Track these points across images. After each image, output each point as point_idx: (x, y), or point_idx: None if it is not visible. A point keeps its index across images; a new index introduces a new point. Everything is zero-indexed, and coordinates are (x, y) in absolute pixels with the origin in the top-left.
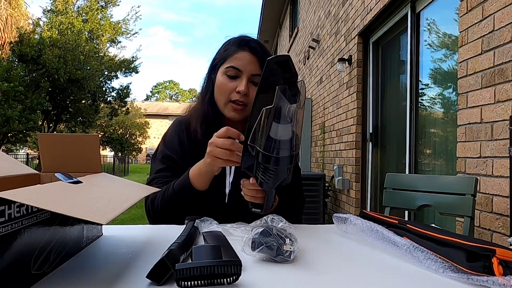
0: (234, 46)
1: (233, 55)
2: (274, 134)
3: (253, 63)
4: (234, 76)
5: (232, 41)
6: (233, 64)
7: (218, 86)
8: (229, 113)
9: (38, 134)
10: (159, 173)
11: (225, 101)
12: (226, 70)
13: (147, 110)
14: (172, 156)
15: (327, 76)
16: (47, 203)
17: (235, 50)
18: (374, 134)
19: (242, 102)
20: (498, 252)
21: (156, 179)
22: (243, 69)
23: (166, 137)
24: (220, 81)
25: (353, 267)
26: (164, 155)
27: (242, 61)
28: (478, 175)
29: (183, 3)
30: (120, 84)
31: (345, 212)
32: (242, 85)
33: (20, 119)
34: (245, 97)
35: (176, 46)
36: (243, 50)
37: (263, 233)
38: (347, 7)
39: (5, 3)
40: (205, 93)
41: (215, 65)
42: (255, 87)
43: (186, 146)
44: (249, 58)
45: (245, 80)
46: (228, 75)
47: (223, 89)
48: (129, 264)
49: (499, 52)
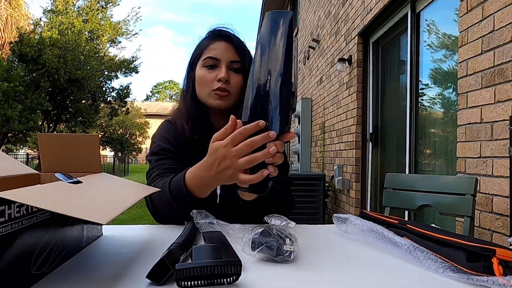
0: (208, 39)
1: (208, 46)
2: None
3: (230, 50)
4: (213, 66)
5: (205, 35)
6: (210, 54)
7: (198, 79)
8: (214, 102)
9: (38, 134)
10: (160, 162)
11: (208, 92)
12: (204, 62)
13: (147, 110)
14: (168, 148)
15: (327, 76)
16: (47, 203)
17: (209, 41)
18: (374, 134)
19: (224, 89)
20: (498, 252)
21: (156, 168)
22: (221, 57)
23: (156, 136)
24: (200, 74)
25: (353, 267)
26: (161, 148)
27: (218, 50)
28: (478, 175)
29: (183, 3)
30: (120, 84)
31: (345, 212)
32: (222, 71)
33: (20, 119)
34: (227, 84)
35: (177, 46)
36: (217, 40)
37: (263, 233)
38: (347, 7)
39: (5, 3)
40: (186, 92)
41: (192, 63)
42: (235, 74)
43: (177, 141)
44: (224, 46)
45: (224, 68)
46: (206, 66)
47: (204, 80)
48: (129, 264)
49: (499, 52)
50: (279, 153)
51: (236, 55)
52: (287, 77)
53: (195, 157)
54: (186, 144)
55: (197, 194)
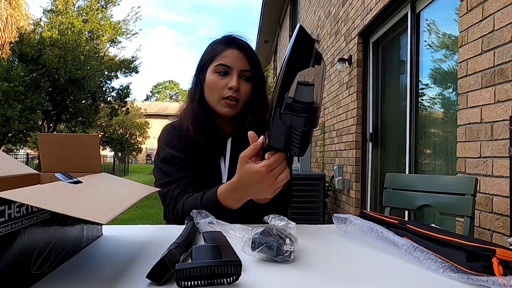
0: (222, 45)
1: (222, 53)
2: (300, 96)
3: (242, 59)
4: (225, 73)
5: (219, 40)
6: (222, 61)
7: (209, 84)
8: (222, 109)
9: (38, 134)
10: (175, 176)
11: (217, 99)
12: (215, 68)
13: (147, 110)
14: (180, 156)
15: (327, 76)
16: (47, 203)
17: (223, 48)
18: (374, 134)
19: (234, 98)
20: (498, 252)
21: (176, 182)
22: (233, 66)
23: (163, 141)
24: (211, 79)
25: (353, 267)
26: (173, 155)
27: (231, 58)
28: (478, 175)
29: (183, 4)
30: (120, 84)
31: (345, 212)
32: (234, 80)
33: (20, 119)
34: (237, 93)
35: (178, 46)
36: (231, 48)
37: (263, 233)
38: (347, 7)
39: (5, 3)
40: (194, 94)
41: (203, 65)
42: (245, 82)
43: (185, 145)
44: (237, 54)
45: (235, 76)
46: (218, 72)
47: (215, 86)
48: (129, 264)
49: (499, 52)
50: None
51: (248, 65)
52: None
53: (198, 157)
54: (189, 144)
55: (232, 206)
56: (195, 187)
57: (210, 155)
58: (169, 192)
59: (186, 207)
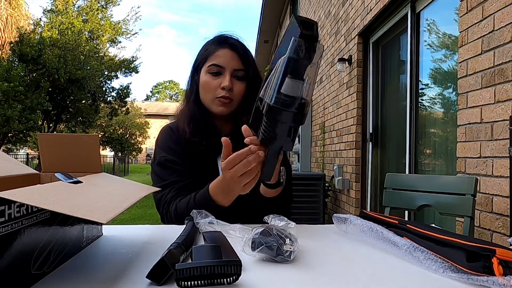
0: (214, 45)
1: (214, 53)
2: (284, 88)
3: (234, 58)
4: (217, 73)
5: (212, 40)
6: (215, 61)
7: (202, 85)
8: (216, 108)
9: (38, 134)
10: (169, 180)
11: (211, 98)
12: (208, 69)
13: (147, 110)
14: (174, 159)
15: (327, 76)
16: (47, 203)
17: (215, 48)
18: (374, 134)
19: (227, 97)
20: (498, 252)
21: (169, 186)
22: (225, 66)
23: (159, 143)
24: (204, 80)
25: (353, 267)
26: (167, 159)
27: (224, 58)
28: (478, 175)
29: (183, 4)
30: (120, 84)
31: (345, 212)
32: (226, 80)
33: (20, 119)
34: (230, 92)
35: (179, 46)
36: (223, 48)
37: (263, 233)
38: (347, 7)
39: (5, 3)
40: (189, 95)
41: (197, 66)
42: (238, 81)
43: (181, 147)
44: (230, 54)
45: (228, 76)
46: (211, 73)
47: (208, 87)
48: (129, 264)
49: (499, 52)
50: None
51: (241, 64)
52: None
53: (195, 157)
54: (187, 145)
55: (222, 203)
56: (189, 190)
57: (207, 155)
58: (163, 197)
59: (179, 209)
